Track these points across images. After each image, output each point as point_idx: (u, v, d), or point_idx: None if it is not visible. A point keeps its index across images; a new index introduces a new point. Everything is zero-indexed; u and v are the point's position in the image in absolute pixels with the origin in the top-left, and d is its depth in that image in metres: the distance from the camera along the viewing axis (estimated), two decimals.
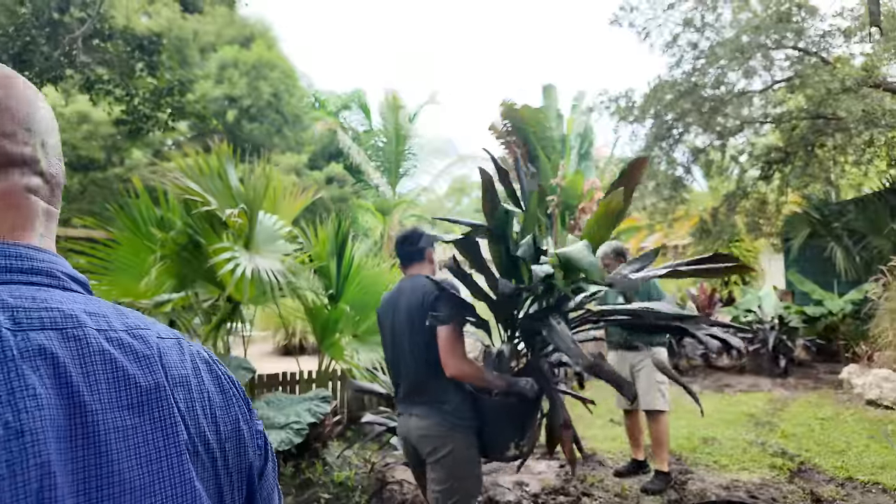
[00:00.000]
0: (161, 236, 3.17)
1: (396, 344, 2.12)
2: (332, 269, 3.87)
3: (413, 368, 2.07)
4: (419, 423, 2.04)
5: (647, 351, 3.85)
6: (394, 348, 2.15)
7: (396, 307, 2.14)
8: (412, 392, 2.09)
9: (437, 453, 1.98)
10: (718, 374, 7.72)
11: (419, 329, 2.01)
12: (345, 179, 16.80)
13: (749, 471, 4.03)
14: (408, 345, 2.07)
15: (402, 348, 2.10)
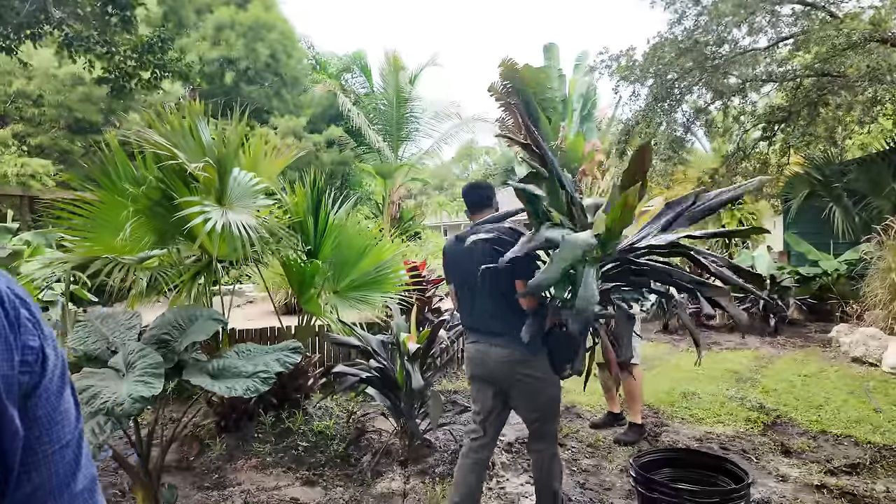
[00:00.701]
0: (132, 191, 3.19)
1: (473, 282, 2.36)
2: (309, 226, 3.88)
3: (492, 304, 2.38)
4: (502, 351, 2.36)
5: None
6: (471, 286, 2.41)
7: (472, 250, 2.36)
8: (492, 324, 2.40)
9: (523, 375, 2.34)
10: (708, 332, 7.77)
11: (496, 271, 2.21)
12: (345, 143, 16.64)
13: (724, 424, 4.10)
14: (489, 282, 2.32)
15: (480, 286, 2.35)
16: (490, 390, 2.48)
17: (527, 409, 2.43)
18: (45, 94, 9.59)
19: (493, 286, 2.35)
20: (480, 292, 2.41)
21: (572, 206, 2.30)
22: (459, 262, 2.49)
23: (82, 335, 2.76)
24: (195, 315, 2.92)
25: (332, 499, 2.95)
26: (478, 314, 2.47)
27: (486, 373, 2.45)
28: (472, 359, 2.50)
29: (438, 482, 3.11)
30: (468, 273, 2.39)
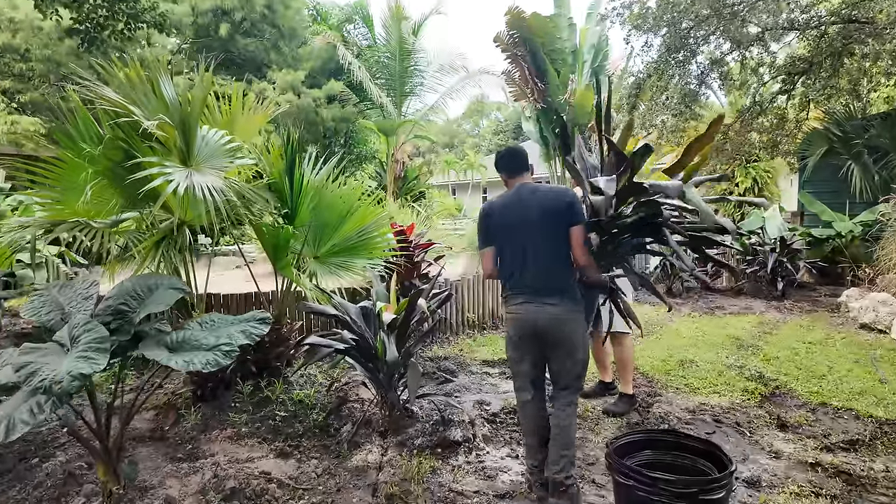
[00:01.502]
0: (89, 151, 2.99)
1: (527, 241, 2.51)
2: (285, 188, 3.67)
3: (547, 262, 2.51)
4: (553, 309, 2.49)
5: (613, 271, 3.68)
6: (523, 245, 2.52)
7: (527, 209, 2.52)
8: (545, 283, 2.51)
9: (569, 331, 2.50)
10: (713, 295, 7.56)
11: (555, 227, 2.48)
12: (347, 98, 16.14)
13: (720, 394, 3.95)
14: (542, 241, 2.49)
15: (534, 245, 2.50)
16: (537, 350, 2.58)
17: (570, 363, 2.54)
18: (31, 48, 9.27)
19: (551, 244, 2.50)
20: (536, 251, 2.51)
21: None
22: (511, 221, 2.55)
23: (37, 305, 2.63)
24: (155, 284, 2.77)
25: (305, 472, 2.86)
26: (531, 273, 2.52)
27: (537, 332, 2.52)
28: (523, 319, 2.54)
29: (416, 454, 3.01)
30: (523, 232, 2.51)
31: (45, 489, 2.58)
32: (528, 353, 2.60)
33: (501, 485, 2.76)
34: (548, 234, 2.50)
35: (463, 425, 3.29)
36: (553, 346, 2.54)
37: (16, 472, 2.74)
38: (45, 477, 2.68)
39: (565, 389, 2.59)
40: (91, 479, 2.64)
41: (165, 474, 2.80)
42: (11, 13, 9.15)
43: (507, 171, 2.72)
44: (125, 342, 2.53)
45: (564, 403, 2.57)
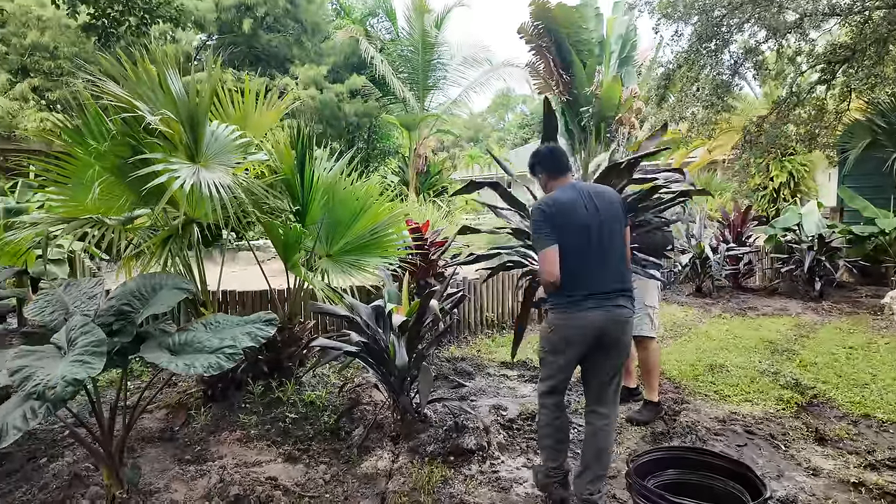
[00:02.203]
0: (96, 148, 2.94)
1: (598, 243, 2.41)
2: (296, 185, 3.58)
3: (618, 264, 2.48)
4: (624, 311, 2.45)
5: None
6: (595, 247, 2.41)
7: (594, 209, 2.44)
8: (619, 285, 2.45)
9: (630, 333, 2.54)
10: (746, 295, 7.24)
11: (619, 228, 2.48)
12: (370, 92, 16.06)
13: (752, 403, 3.73)
14: (611, 242, 2.45)
15: (605, 246, 2.43)
16: (584, 353, 2.48)
17: (616, 365, 2.50)
18: (59, 45, 9.44)
19: (619, 245, 2.49)
20: (606, 253, 2.44)
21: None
22: (581, 221, 2.42)
23: (41, 305, 2.59)
24: (159, 284, 2.71)
25: (312, 478, 2.77)
26: (605, 276, 2.44)
27: (600, 336, 2.42)
28: (588, 325, 2.40)
29: (428, 462, 2.89)
30: (596, 234, 2.41)
31: (49, 491, 2.54)
32: (575, 357, 2.50)
33: (516, 498, 2.62)
34: (615, 235, 2.47)
35: (477, 432, 3.15)
36: (608, 348, 2.46)
37: (23, 471, 2.71)
38: (51, 478, 2.64)
39: (613, 395, 2.52)
40: (97, 482, 2.59)
41: (172, 477, 2.74)
42: (40, 11, 9.33)
43: (552, 172, 2.63)
44: (128, 343, 2.47)
45: (607, 419, 2.50)
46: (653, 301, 3.48)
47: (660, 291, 3.58)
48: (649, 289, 3.48)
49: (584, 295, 2.41)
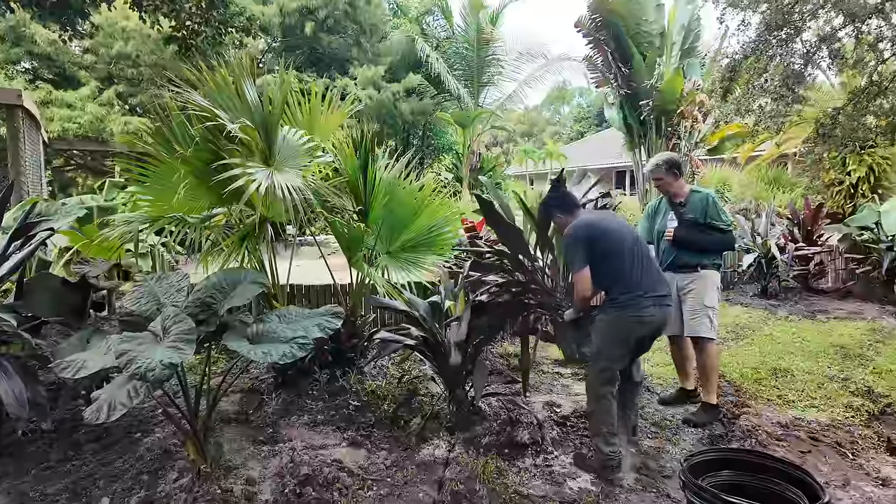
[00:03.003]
0: (181, 153, 3.22)
1: (641, 255, 2.89)
2: (359, 186, 3.77)
3: (657, 270, 3.02)
4: (671, 308, 2.99)
5: (696, 273, 3.46)
6: (640, 258, 2.87)
7: (626, 229, 2.99)
8: (664, 287, 2.91)
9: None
10: (816, 297, 6.89)
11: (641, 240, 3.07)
12: (425, 91, 16.29)
13: (818, 409, 3.61)
14: (647, 253, 2.98)
15: (647, 257, 2.94)
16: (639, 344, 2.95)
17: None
18: (141, 54, 10.19)
19: (650, 255, 3.04)
20: (649, 262, 2.95)
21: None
22: (624, 239, 2.86)
23: (137, 296, 2.88)
24: (238, 278, 2.95)
25: (374, 463, 2.94)
26: (653, 281, 2.87)
27: (655, 330, 2.91)
28: (649, 322, 2.82)
29: (483, 453, 3.01)
30: (637, 247, 2.89)
31: (144, 462, 2.83)
32: (632, 349, 2.91)
33: (569, 491, 2.69)
34: (645, 247, 3.00)
35: (531, 427, 3.23)
36: (653, 338, 2.98)
37: (122, 444, 3.03)
38: (145, 451, 2.94)
39: (638, 369, 3.14)
40: (183, 456, 2.86)
41: (248, 456, 2.99)
42: (124, 22, 10.12)
43: (569, 210, 3.02)
44: (211, 333, 2.72)
45: (640, 380, 3.23)
46: (712, 302, 3.43)
47: (720, 292, 3.53)
48: (708, 289, 3.44)
49: (644, 297, 2.79)
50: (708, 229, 3.45)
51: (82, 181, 10.59)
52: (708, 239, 3.47)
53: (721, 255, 3.63)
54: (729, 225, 3.52)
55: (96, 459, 2.86)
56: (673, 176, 3.55)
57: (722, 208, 3.51)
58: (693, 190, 3.60)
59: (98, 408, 2.13)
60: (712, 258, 3.51)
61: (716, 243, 3.52)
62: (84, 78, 10.59)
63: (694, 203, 3.51)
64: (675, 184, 3.57)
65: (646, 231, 3.78)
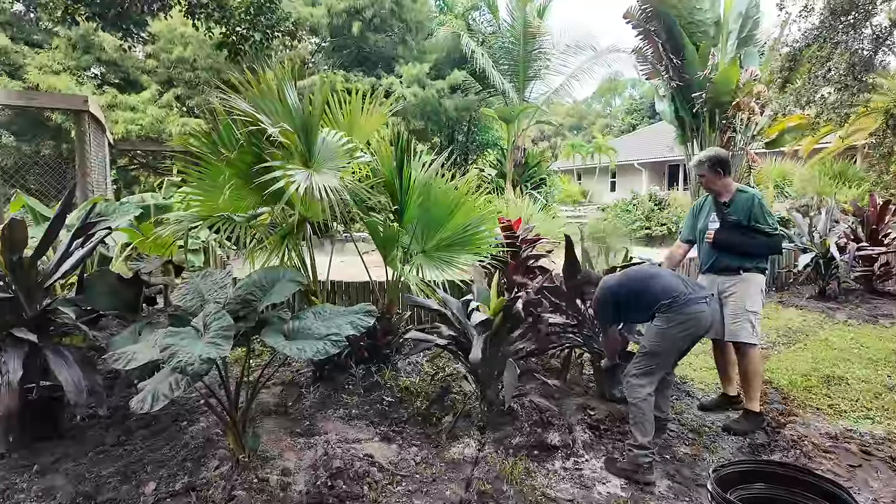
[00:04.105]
0: (227, 155, 3.37)
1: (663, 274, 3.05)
2: (395, 186, 3.83)
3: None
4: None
5: (738, 276, 3.33)
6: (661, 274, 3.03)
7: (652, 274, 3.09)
8: (699, 287, 3.00)
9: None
10: (881, 300, 6.46)
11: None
12: (470, 86, 16.26)
13: (873, 421, 3.41)
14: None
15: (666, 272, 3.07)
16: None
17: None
18: (198, 58, 10.69)
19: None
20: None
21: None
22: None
23: (183, 292, 3.05)
24: (277, 276, 3.07)
25: (405, 459, 3.00)
26: (688, 281, 2.98)
27: (707, 327, 2.94)
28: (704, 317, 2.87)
29: (512, 454, 3.01)
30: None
31: (189, 450, 3.01)
32: (682, 349, 3.00)
33: (597, 496, 2.66)
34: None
35: (562, 429, 3.22)
36: (697, 339, 3.01)
37: (169, 432, 3.23)
38: (189, 439, 3.12)
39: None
40: (224, 445, 3.02)
41: (284, 447, 3.11)
42: (183, 29, 10.65)
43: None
44: (251, 328, 2.85)
45: (670, 378, 3.21)
46: (754, 306, 3.29)
47: (763, 296, 3.38)
48: (750, 293, 3.30)
49: (688, 295, 2.85)
50: (751, 232, 3.30)
51: (144, 179, 11.22)
52: (751, 242, 3.32)
53: (766, 259, 3.44)
54: (775, 228, 3.34)
55: (146, 445, 3.05)
56: (716, 174, 3.41)
57: (769, 210, 3.34)
58: (739, 189, 3.43)
59: (143, 398, 2.27)
60: (755, 261, 3.35)
61: (759, 247, 3.35)
62: (146, 82, 11.22)
63: (739, 203, 3.36)
64: (719, 182, 3.43)
65: (689, 229, 3.67)
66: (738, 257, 3.33)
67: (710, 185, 3.47)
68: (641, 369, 2.90)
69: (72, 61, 10.66)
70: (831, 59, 8.28)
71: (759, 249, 3.35)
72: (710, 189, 3.49)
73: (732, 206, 3.38)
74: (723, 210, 3.41)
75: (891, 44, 8.92)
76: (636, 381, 2.89)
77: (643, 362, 2.91)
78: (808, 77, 8.86)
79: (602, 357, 3.45)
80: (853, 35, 8.18)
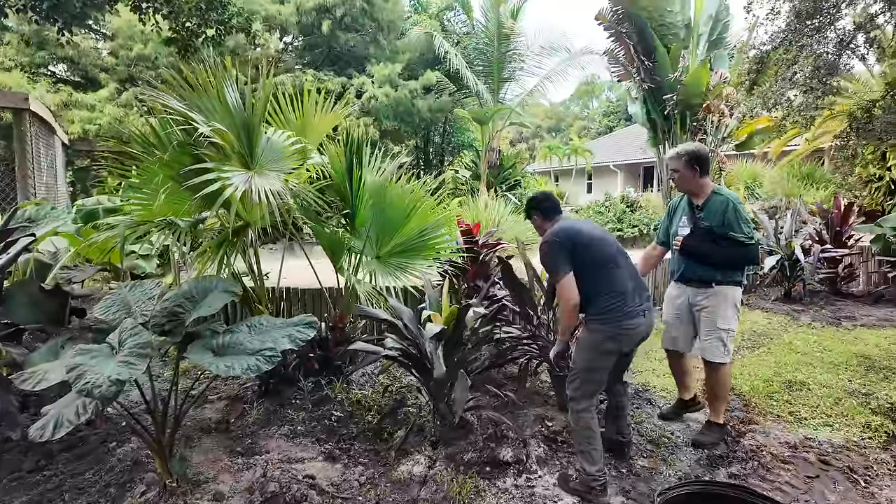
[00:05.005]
0: (160, 156, 3.16)
1: (624, 263, 2.74)
2: (345, 189, 3.66)
3: (640, 279, 2.82)
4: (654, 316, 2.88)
5: (711, 289, 3.10)
6: (624, 267, 2.72)
7: (608, 236, 2.82)
8: (647, 297, 2.76)
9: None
10: (844, 302, 6.49)
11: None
12: (444, 87, 16.12)
13: (833, 428, 3.34)
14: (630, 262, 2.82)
15: (630, 266, 2.78)
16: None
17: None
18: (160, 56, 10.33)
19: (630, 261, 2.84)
20: (633, 271, 2.78)
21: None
22: (608, 246, 2.73)
23: (108, 304, 2.83)
24: (210, 287, 2.87)
25: (348, 479, 2.83)
26: (639, 291, 2.73)
27: (640, 341, 2.78)
28: (636, 333, 2.68)
29: (463, 471, 2.86)
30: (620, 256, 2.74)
31: (114, 474, 2.79)
32: (618, 363, 2.78)
33: None
34: (625, 253, 2.80)
35: (516, 443, 3.08)
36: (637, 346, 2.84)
37: (95, 454, 3.00)
38: (116, 462, 2.90)
39: (624, 379, 3.06)
40: (153, 468, 2.81)
41: (221, 468, 2.91)
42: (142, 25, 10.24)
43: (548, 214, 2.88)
44: (178, 343, 2.65)
45: (625, 389, 3.07)
46: (727, 323, 3.07)
47: (739, 311, 3.13)
48: (722, 308, 3.07)
49: (633, 308, 2.63)
50: (724, 240, 3.00)
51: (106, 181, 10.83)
52: (722, 252, 3.02)
53: (742, 270, 3.15)
54: (751, 237, 3.01)
55: (67, 470, 2.82)
56: (692, 171, 3.08)
57: (745, 217, 3.02)
58: (715, 192, 3.10)
59: (44, 424, 2.07)
60: (729, 273, 3.07)
61: (732, 257, 3.04)
62: (105, 80, 10.80)
63: (712, 207, 3.06)
64: (695, 181, 3.10)
65: (664, 231, 3.39)
66: (709, 268, 3.07)
67: (683, 184, 3.15)
68: (578, 390, 2.70)
69: (24, 58, 10.21)
70: (797, 62, 8.33)
71: (733, 260, 3.07)
72: (684, 188, 3.19)
73: (706, 210, 3.08)
74: (695, 214, 3.15)
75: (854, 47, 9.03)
76: (576, 405, 2.70)
77: (578, 382, 2.71)
78: (775, 80, 8.90)
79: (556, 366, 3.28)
80: (818, 38, 8.23)
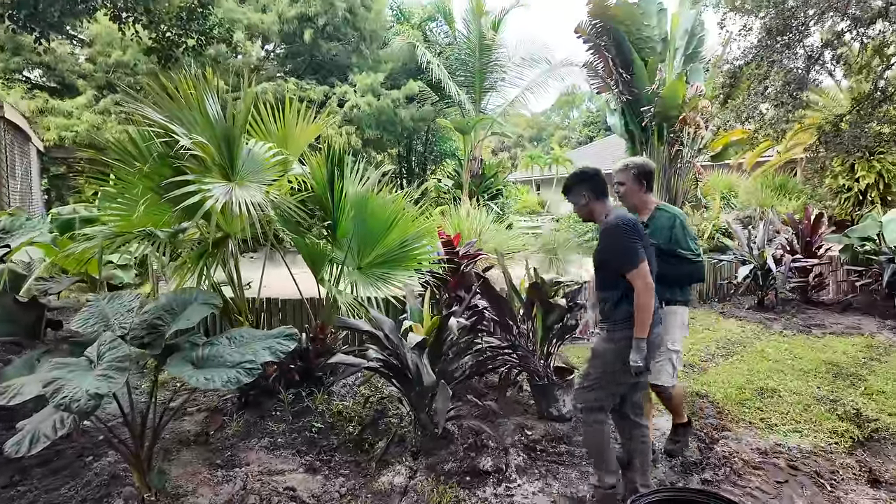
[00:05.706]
0: (140, 167, 3.15)
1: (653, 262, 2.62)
2: (326, 200, 3.68)
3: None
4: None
5: (662, 309, 2.97)
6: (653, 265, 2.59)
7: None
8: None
9: None
10: (814, 311, 6.68)
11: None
12: (426, 97, 16.22)
13: (801, 434, 3.45)
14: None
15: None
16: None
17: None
18: (139, 62, 10.23)
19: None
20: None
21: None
22: (649, 245, 2.64)
23: (86, 316, 2.81)
24: (189, 299, 2.87)
25: (329, 491, 2.84)
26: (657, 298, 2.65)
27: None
28: (656, 343, 2.61)
29: (443, 481, 2.89)
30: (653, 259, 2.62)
31: (91, 489, 2.76)
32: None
33: None
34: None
35: (496, 453, 3.12)
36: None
37: (71, 468, 2.96)
38: (93, 476, 2.87)
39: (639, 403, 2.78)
40: (131, 482, 2.78)
41: (200, 481, 2.90)
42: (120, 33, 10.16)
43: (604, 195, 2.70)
44: (158, 356, 2.64)
45: (641, 416, 2.78)
46: (676, 344, 3.01)
47: (686, 330, 3.13)
48: (671, 329, 2.96)
49: (657, 313, 2.55)
50: (672, 258, 2.89)
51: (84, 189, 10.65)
52: (668, 270, 2.83)
53: (689, 289, 3.13)
54: (697, 254, 2.98)
55: (42, 485, 2.79)
56: (639, 185, 3.01)
57: (692, 234, 3.00)
58: (659, 208, 3.05)
59: (20, 440, 2.05)
60: (678, 292, 3.01)
61: (679, 276, 2.96)
62: (82, 87, 10.65)
63: (658, 223, 2.99)
64: (639, 195, 3.03)
65: None
66: (659, 287, 2.85)
67: (628, 197, 3.05)
68: (596, 402, 2.59)
69: None
70: (768, 77, 8.61)
71: (680, 279, 2.98)
72: (628, 202, 3.08)
73: (651, 227, 2.97)
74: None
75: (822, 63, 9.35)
76: (591, 416, 2.60)
77: (597, 393, 2.59)
78: (747, 93, 9.18)
79: (536, 376, 3.33)
80: (788, 54, 8.52)
